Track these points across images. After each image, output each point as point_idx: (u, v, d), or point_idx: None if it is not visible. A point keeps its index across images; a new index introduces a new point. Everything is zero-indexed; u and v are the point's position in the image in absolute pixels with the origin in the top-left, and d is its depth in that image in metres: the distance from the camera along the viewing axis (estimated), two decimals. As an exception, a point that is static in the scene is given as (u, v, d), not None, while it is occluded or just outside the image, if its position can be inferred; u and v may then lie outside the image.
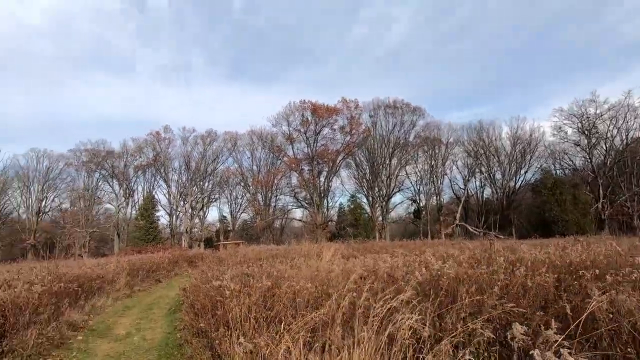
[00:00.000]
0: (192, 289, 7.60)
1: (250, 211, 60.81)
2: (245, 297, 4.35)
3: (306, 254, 12.78)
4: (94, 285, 9.31)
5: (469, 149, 53.94)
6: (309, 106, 49.78)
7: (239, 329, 3.81)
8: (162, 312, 8.63)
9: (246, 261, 12.14)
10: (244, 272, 6.88)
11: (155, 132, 53.54)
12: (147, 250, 35.42)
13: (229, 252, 16.86)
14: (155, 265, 15.57)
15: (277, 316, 3.88)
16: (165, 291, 12.43)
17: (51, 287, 6.73)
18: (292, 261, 9.39)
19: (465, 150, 54.23)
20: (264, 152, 57.55)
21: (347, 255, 12.51)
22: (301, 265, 7.93)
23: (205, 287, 6.23)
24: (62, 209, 54.79)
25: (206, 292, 5.94)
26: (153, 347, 5.73)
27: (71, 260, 20.90)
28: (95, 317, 8.04)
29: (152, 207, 50.29)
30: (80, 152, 52.44)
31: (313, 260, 11.45)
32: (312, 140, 52.08)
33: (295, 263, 8.01)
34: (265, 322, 3.87)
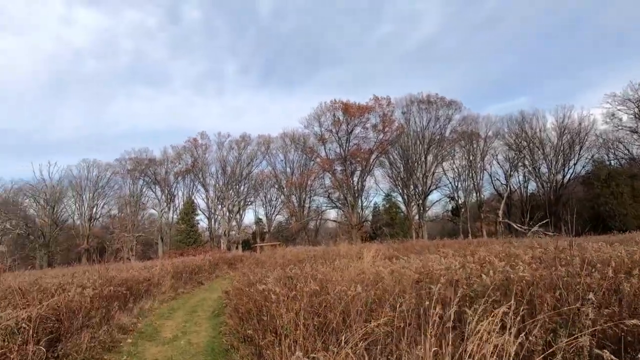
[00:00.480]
0: (234, 292, 7.52)
1: (285, 213, 61.47)
2: (292, 302, 4.11)
3: (346, 255, 12.46)
4: (141, 288, 9.57)
5: (510, 141, 51.07)
6: (340, 105, 49.44)
7: (288, 336, 3.57)
8: (206, 314, 8.66)
9: (286, 263, 12.03)
10: (286, 274, 6.68)
11: (192, 139, 55.55)
12: (188, 253, 36.68)
13: (267, 254, 16.91)
14: (197, 267, 15.91)
15: (328, 324, 3.60)
16: (207, 293, 12.60)
17: (102, 291, 6.91)
18: (333, 263, 9.10)
19: (506, 144, 51.41)
20: (296, 154, 57.99)
21: (389, 255, 12.03)
22: (344, 267, 7.62)
23: (249, 291, 6.08)
24: (111, 215, 58.23)
25: (250, 296, 5.79)
26: (199, 352, 5.66)
27: (120, 264, 21.95)
28: (143, 319, 8.19)
29: (192, 212, 52.14)
30: (125, 161, 55.51)
31: (354, 261, 11.09)
32: (344, 140, 51.69)
33: (337, 265, 7.70)
34: (315, 330, 3.60)
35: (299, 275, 6.42)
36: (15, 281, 7.17)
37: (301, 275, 6.34)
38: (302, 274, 6.52)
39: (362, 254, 12.56)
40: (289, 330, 3.69)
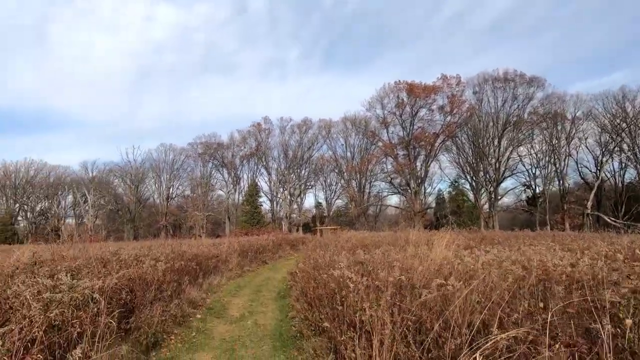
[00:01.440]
0: (301, 274, 7.16)
1: (345, 198, 61.18)
2: (373, 292, 3.48)
3: (415, 243, 11.52)
4: (210, 264, 9.77)
5: (605, 123, 44.18)
6: (405, 86, 46.94)
7: (371, 334, 2.96)
8: (271, 295, 8.50)
9: (351, 247, 11.49)
10: (357, 260, 6.09)
11: (256, 124, 57.31)
12: (252, 233, 38.27)
13: (330, 237, 16.60)
14: (261, 247, 16.17)
15: (422, 324, 2.91)
16: (271, 273, 12.63)
17: (173, 265, 7.02)
18: (405, 250, 8.31)
19: (600, 125, 44.60)
20: (357, 138, 56.89)
21: (466, 245, 10.83)
22: (422, 255, 6.80)
23: (318, 275, 5.61)
24: (185, 195, 63.19)
25: (319, 280, 5.31)
26: (266, 335, 5.37)
27: (192, 240, 23.40)
28: (211, 295, 8.28)
29: (256, 194, 54.28)
30: (196, 145, 59.40)
31: (424, 249, 10.18)
32: (408, 122, 49.29)
33: (412, 252, 6.90)
34: (407, 330, 2.94)
35: (371, 261, 5.77)
36: (100, 251, 7.59)
37: (373, 261, 5.69)
38: (375, 260, 5.87)
39: (433, 242, 11.53)
40: (370, 325, 3.09)
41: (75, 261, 6.09)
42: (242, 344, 5.02)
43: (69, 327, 3.24)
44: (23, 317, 2.84)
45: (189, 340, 5.11)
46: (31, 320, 2.76)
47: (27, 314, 2.88)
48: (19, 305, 3.08)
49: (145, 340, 4.45)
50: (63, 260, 6.20)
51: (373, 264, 5.29)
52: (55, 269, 5.39)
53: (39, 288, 3.67)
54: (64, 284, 3.88)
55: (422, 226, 43.39)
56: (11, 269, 5.54)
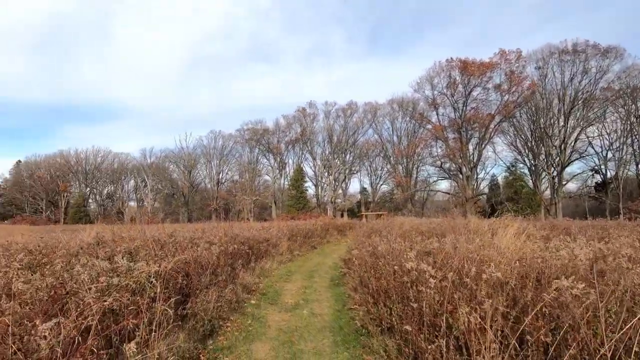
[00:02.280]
0: (358, 262, 6.68)
1: (390, 183, 59.67)
2: (459, 290, 2.87)
3: (476, 231, 10.53)
4: (262, 248, 9.65)
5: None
6: (458, 64, 43.79)
7: (469, 344, 2.39)
8: (324, 282, 8.14)
9: (405, 234, 10.80)
10: (424, 249, 5.46)
11: (301, 109, 57.21)
12: (298, 218, 38.62)
13: (381, 223, 15.96)
14: (310, 232, 15.97)
15: (537, 339, 2.27)
16: (321, 258, 12.35)
17: (227, 248, 6.88)
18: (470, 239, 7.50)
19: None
20: (404, 121, 54.74)
21: (538, 236, 9.67)
22: (492, 244, 6.00)
23: (378, 264, 5.08)
24: (234, 180, 65.48)
25: (384, 271, 4.78)
26: (325, 327, 4.98)
27: (241, 223, 23.97)
28: (264, 280, 8.12)
29: (301, 179, 54.66)
30: (243, 131, 60.86)
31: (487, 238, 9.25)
32: (460, 103, 46.19)
33: (486, 242, 6.11)
34: (518, 344, 2.31)
35: (441, 251, 5.12)
36: (157, 233, 7.68)
37: (444, 252, 5.03)
38: (445, 250, 5.19)
39: (496, 230, 10.49)
40: (465, 334, 2.50)
41: (133, 242, 6.12)
42: (300, 335, 4.67)
43: (125, 314, 3.06)
44: (78, 305, 2.66)
45: (245, 329, 4.87)
46: (88, 306, 2.56)
47: (83, 299, 2.70)
48: (77, 289, 2.94)
49: (202, 328, 4.25)
50: (122, 241, 6.27)
51: (445, 255, 4.64)
52: (115, 249, 5.40)
53: (97, 270, 3.54)
54: (120, 267, 3.73)
55: (473, 213, 41.05)
56: (76, 248, 5.66)
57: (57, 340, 2.16)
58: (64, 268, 3.47)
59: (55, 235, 7.56)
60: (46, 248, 5.38)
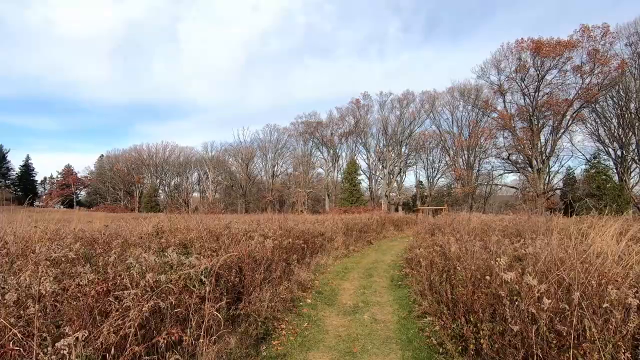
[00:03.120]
0: (425, 263, 5.91)
1: (449, 176, 56.46)
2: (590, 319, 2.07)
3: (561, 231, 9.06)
4: (317, 243, 9.24)
5: None
6: (529, 45, 39.46)
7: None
8: (384, 282, 7.48)
9: (478, 233, 9.67)
10: (513, 253, 4.55)
11: (355, 100, 56.18)
12: (351, 211, 37.97)
13: (444, 219, 14.73)
14: (365, 226, 15.29)
15: None
16: (378, 255, 11.64)
17: (281, 242, 6.53)
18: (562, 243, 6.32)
19: None
20: (465, 110, 51.14)
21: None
22: (600, 252, 4.86)
23: (452, 267, 4.30)
24: (288, 172, 66.76)
25: (463, 279, 4.01)
26: (390, 337, 4.36)
27: (295, 215, 24.00)
28: (319, 276, 7.69)
29: (354, 171, 53.82)
30: (297, 124, 61.51)
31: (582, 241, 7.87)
32: (531, 89, 41.71)
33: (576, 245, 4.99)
34: None
35: (534, 257, 4.19)
36: (214, 223, 7.60)
37: (539, 259, 4.09)
38: (541, 255, 4.24)
39: (585, 231, 8.94)
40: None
41: (189, 233, 6.01)
42: (362, 346, 4.10)
43: (171, 316, 2.75)
44: (118, 308, 2.36)
45: (300, 333, 4.43)
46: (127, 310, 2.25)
47: (123, 301, 2.40)
48: (122, 287, 2.67)
49: (255, 331, 3.88)
50: (178, 232, 6.20)
51: (547, 263, 3.73)
52: (170, 241, 5.27)
53: (147, 265, 3.30)
54: (170, 262, 3.46)
55: (546, 210, 37.09)
56: (134, 238, 5.66)
57: (85, 352, 1.86)
58: (114, 262, 3.28)
59: (120, 224, 7.84)
60: (107, 237, 5.43)
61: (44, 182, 79.54)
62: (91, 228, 6.79)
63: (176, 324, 2.69)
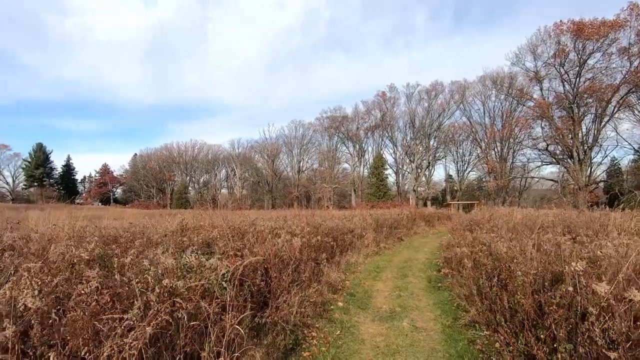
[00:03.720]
0: (470, 263, 5.30)
1: (481, 169, 54.18)
2: None
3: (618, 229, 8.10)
4: (346, 240, 8.76)
5: None
6: (570, 27, 36.77)
7: None
8: (421, 283, 6.90)
9: (521, 230, 8.85)
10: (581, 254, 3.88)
11: (381, 93, 54.95)
12: (379, 206, 37.14)
13: (481, 214, 13.80)
14: (395, 222, 14.64)
15: None
16: (411, 252, 11.02)
17: (309, 240, 6.12)
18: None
19: None
20: (498, 100, 48.65)
21: None
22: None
23: (504, 269, 3.69)
24: (314, 168, 66.59)
25: (523, 283, 3.41)
26: (436, 350, 3.83)
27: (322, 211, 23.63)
28: (350, 276, 7.22)
29: (381, 166, 52.76)
30: (322, 119, 61.02)
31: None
32: (572, 74, 38.95)
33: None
34: None
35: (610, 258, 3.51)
36: (239, 220, 7.30)
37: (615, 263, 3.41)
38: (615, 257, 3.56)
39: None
40: None
41: (212, 230, 5.71)
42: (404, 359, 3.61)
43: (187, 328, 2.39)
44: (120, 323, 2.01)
45: (333, 342, 3.99)
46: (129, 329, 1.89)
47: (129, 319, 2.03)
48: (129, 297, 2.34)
49: (283, 342, 3.49)
50: (202, 229, 5.92)
51: (631, 268, 3.07)
52: (193, 239, 4.98)
53: (163, 268, 2.97)
54: (189, 264, 3.11)
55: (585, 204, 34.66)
56: (158, 236, 5.42)
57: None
58: (130, 264, 2.98)
59: (146, 221, 7.71)
60: (130, 235, 5.22)
61: (83, 180, 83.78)
62: (118, 225, 6.66)
63: (192, 338, 2.34)
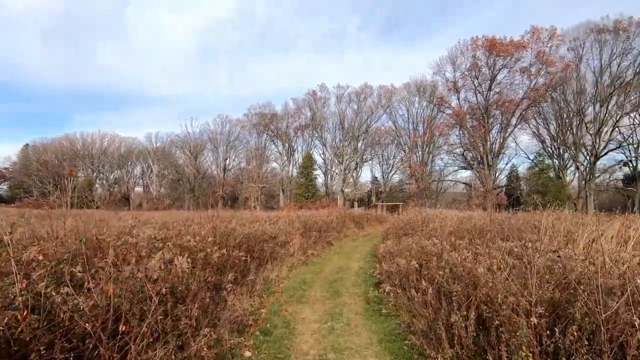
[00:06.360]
0: (426, 287, 4.00)
1: (402, 172, 56.78)
2: None
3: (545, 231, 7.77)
4: (266, 249, 7.02)
5: None
6: (484, 43, 40.06)
7: None
8: (357, 304, 5.50)
9: (450, 232, 8.10)
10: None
11: (312, 92, 54.20)
12: (307, 207, 35.99)
13: (408, 216, 13.21)
14: (325, 224, 13.32)
15: None
16: (342, 260, 9.72)
17: (209, 256, 4.27)
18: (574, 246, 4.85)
19: None
20: (420, 106, 51.32)
21: None
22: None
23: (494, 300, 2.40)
24: (241, 167, 63.18)
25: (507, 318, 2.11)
26: None
27: (247, 212, 21.51)
28: (268, 299, 5.52)
29: (310, 166, 51.95)
30: (251, 116, 58.13)
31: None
32: (484, 87, 42.61)
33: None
34: None
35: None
36: (110, 227, 5.09)
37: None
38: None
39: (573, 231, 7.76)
40: None
41: (47, 247, 3.53)
42: None
43: None
44: None
45: None
46: None
47: None
48: None
49: None
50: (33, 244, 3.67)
51: None
52: None
53: None
54: None
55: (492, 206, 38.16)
56: None
57: None
58: None
59: None
60: None
61: (-51, 174, 68.00)
62: None
63: None
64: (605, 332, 2.15)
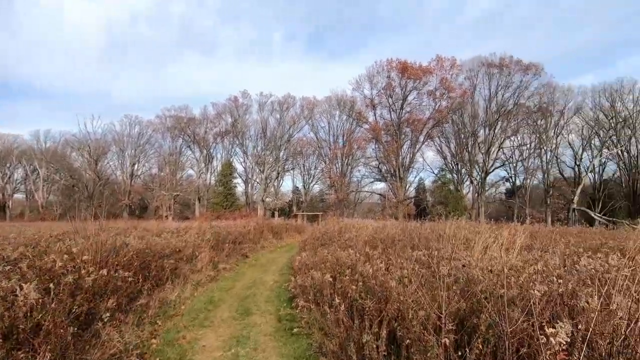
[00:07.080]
0: (339, 304, 3.75)
1: (323, 183, 58.24)
2: None
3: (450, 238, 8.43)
4: (166, 267, 6.13)
5: (593, 117, 43.55)
6: (397, 65, 43.60)
7: None
8: (268, 324, 5.05)
9: (366, 242, 8.21)
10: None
11: (233, 97, 52.49)
12: (225, 217, 34.29)
13: (327, 226, 13.24)
14: (241, 235, 12.57)
15: None
16: (257, 273, 9.15)
17: (81, 280, 3.42)
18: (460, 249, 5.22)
19: (588, 120, 43.83)
20: (341, 120, 53.48)
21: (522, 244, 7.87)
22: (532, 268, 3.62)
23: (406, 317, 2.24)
24: (152, 173, 57.67)
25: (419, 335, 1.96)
26: None
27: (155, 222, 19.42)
28: (164, 325, 4.73)
29: (230, 174, 49.92)
30: (164, 118, 53.77)
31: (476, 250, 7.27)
32: (397, 105, 46.27)
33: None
34: None
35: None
36: None
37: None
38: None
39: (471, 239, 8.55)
40: None
41: None
42: None
43: None
44: None
45: None
46: None
47: None
48: None
49: None
50: None
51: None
52: None
53: None
54: None
55: (403, 216, 41.35)
56: None
57: None
58: None
59: None
60: None
61: None
62: None
63: None
64: (510, 345, 2.12)
